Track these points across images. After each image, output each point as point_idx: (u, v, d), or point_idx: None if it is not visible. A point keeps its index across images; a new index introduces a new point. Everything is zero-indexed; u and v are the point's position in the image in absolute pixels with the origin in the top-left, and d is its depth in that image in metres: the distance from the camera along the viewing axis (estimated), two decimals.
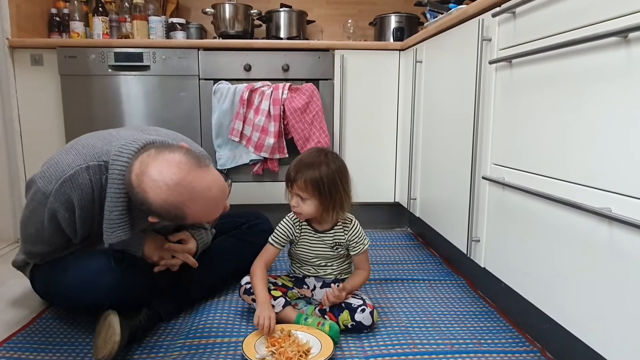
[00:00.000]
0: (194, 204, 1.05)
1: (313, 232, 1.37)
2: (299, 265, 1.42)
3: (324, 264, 1.39)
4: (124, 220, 1.13)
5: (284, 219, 1.39)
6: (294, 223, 1.38)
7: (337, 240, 1.36)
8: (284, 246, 1.39)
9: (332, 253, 1.37)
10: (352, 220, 1.39)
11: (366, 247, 1.38)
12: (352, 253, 1.37)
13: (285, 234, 1.37)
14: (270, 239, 1.38)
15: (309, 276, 1.41)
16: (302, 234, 1.38)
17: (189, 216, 1.08)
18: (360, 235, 1.37)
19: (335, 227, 1.36)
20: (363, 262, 1.39)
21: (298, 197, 1.29)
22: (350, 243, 1.36)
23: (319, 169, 1.27)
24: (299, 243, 1.39)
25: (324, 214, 1.32)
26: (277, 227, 1.39)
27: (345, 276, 1.42)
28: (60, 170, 1.12)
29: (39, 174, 1.15)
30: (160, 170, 1.02)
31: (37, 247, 1.24)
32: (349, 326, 1.25)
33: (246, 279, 1.37)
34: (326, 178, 1.27)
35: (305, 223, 1.37)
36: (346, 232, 1.36)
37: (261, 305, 1.22)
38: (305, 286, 1.41)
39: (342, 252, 1.38)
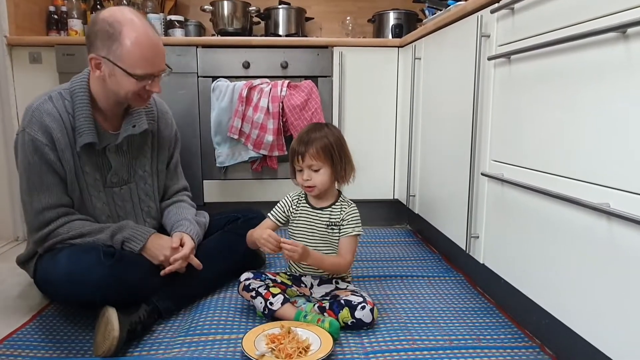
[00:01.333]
0: (131, 28, 1.22)
1: (310, 209, 1.39)
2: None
3: (319, 249, 1.37)
4: (90, 126, 1.30)
5: (284, 197, 1.44)
6: (292, 199, 1.42)
7: (333, 220, 1.37)
8: (280, 222, 1.43)
9: (326, 233, 1.37)
10: (351, 203, 1.40)
11: (356, 233, 1.35)
12: (340, 233, 1.36)
13: (282, 209, 1.42)
14: (268, 213, 1.43)
15: (306, 274, 1.41)
16: (299, 210, 1.40)
17: (124, 38, 1.21)
18: (354, 218, 1.37)
19: (333, 206, 1.38)
20: (346, 247, 1.34)
21: (309, 169, 1.32)
22: (343, 222, 1.36)
23: (327, 137, 1.33)
24: (296, 219, 1.40)
25: (334, 182, 1.37)
26: (277, 203, 1.44)
27: (343, 274, 1.42)
28: (29, 109, 1.30)
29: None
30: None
31: (40, 201, 1.28)
32: (349, 323, 1.25)
33: (245, 275, 1.37)
34: (334, 143, 1.33)
35: (303, 200, 1.41)
36: (343, 212, 1.37)
37: (254, 234, 1.33)
38: (302, 285, 1.41)
39: (337, 234, 1.37)
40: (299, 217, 1.40)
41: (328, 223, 1.37)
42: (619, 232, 0.86)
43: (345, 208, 1.38)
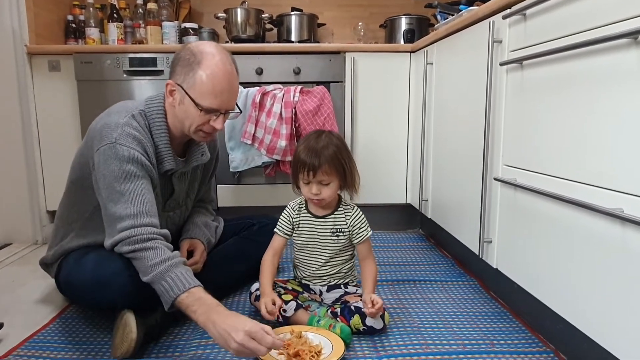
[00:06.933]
0: (211, 60, 1.23)
1: (313, 218, 1.37)
2: (301, 269, 1.42)
3: (324, 259, 1.37)
4: (169, 152, 1.31)
5: (285, 208, 1.41)
6: (293, 209, 1.39)
7: (338, 226, 1.36)
8: (288, 234, 1.39)
9: (331, 240, 1.36)
10: (354, 206, 1.39)
11: (369, 234, 1.37)
12: (355, 241, 1.36)
13: (287, 221, 1.39)
14: (275, 229, 1.40)
15: (314, 282, 1.41)
16: (301, 219, 1.38)
17: (201, 68, 1.22)
18: (362, 221, 1.37)
19: (336, 212, 1.37)
20: (366, 251, 1.37)
21: (319, 183, 1.29)
22: (353, 229, 1.35)
23: (333, 148, 1.29)
24: (299, 229, 1.38)
25: (341, 191, 1.36)
26: (280, 217, 1.41)
27: (348, 279, 1.41)
28: (114, 124, 1.24)
29: (93, 144, 1.25)
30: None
31: (126, 207, 1.20)
32: (361, 330, 1.25)
33: (256, 285, 1.37)
34: (340, 154, 1.30)
35: (304, 209, 1.38)
36: (348, 218, 1.36)
37: (263, 295, 1.29)
38: (312, 291, 1.41)
39: (342, 240, 1.36)
40: (302, 227, 1.38)
41: (333, 230, 1.36)
42: (632, 237, 0.86)
43: (350, 213, 1.37)
